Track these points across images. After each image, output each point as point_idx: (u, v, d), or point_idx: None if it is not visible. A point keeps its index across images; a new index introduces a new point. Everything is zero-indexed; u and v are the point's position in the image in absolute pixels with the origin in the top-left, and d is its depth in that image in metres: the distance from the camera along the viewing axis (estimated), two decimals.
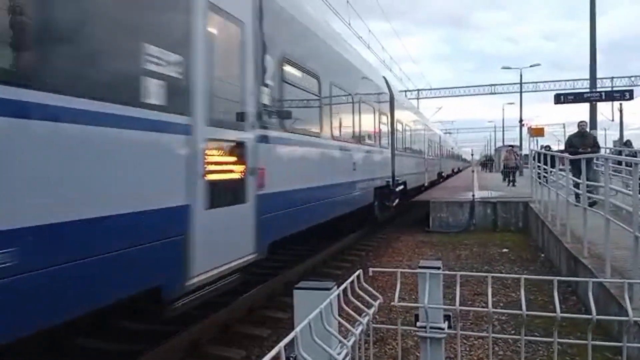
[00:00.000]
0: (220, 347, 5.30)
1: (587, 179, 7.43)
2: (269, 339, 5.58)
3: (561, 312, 2.08)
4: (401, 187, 13.44)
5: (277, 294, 7.07)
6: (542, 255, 9.99)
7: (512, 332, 5.39)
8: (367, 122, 10.80)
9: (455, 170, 45.52)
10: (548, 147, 23.01)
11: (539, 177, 12.77)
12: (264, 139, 5.43)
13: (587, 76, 16.67)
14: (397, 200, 12.62)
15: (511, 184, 21.40)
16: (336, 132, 8.43)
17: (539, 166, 12.93)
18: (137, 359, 4.39)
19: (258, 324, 6.11)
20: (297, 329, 1.35)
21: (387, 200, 12.03)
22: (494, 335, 2.35)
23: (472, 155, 36.11)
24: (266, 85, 5.53)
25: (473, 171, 20.95)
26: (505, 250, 10.79)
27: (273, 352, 1.20)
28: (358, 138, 9.89)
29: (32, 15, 2.80)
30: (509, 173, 22.35)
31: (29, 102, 2.74)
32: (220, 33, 4.77)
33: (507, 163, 23.11)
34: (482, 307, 2.01)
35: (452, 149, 46.66)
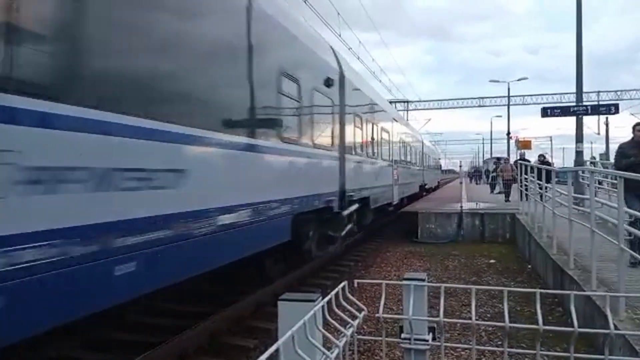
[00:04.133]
0: (207, 358, 5.27)
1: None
2: (255, 349, 5.55)
3: (548, 324, 2.10)
4: (425, 185, 26.80)
5: (265, 304, 7.04)
6: (529, 266, 10.05)
7: (499, 343, 5.41)
8: (417, 156, 24.24)
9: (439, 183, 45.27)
10: (542, 157, 20.23)
11: (526, 190, 12.85)
12: (398, 166, 16.58)
13: (572, 89, 16.91)
14: (425, 192, 26.17)
15: (506, 197, 19.17)
16: (404, 158, 19.28)
17: (526, 179, 13.02)
18: None
19: (245, 334, 6.07)
20: (280, 342, 1.36)
21: (423, 191, 25.40)
22: (477, 347, 2.36)
23: (460, 166, 37.08)
24: (400, 153, 18.18)
25: (461, 183, 20.91)
26: (492, 261, 10.84)
27: None
28: (419, 163, 24.81)
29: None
30: (505, 186, 20.05)
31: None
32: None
33: (504, 175, 20.51)
34: (469, 318, 2.03)
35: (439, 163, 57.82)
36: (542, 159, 19.01)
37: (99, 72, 3.39)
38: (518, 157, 20.17)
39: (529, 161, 16.91)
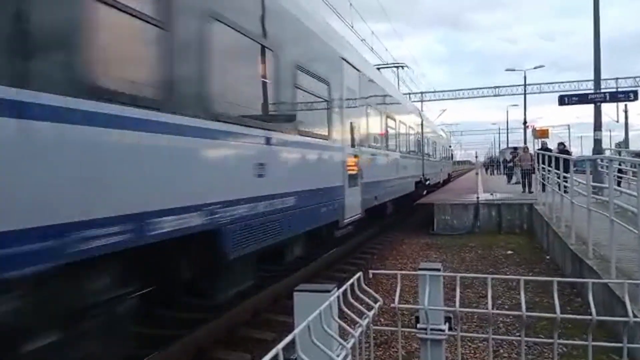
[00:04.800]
0: (225, 351, 5.33)
1: None
2: (273, 342, 5.59)
3: (566, 314, 2.09)
4: (427, 182, 20.79)
5: (282, 298, 7.08)
6: (547, 257, 9.96)
7: (518, 334, 5.38)
8: (411, 139, 19.03)
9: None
10: (562, 145, 19.08)
11: (543, 180, 12.68)
12: (366, 151, 10.21)
13: (590, 76, 16.63)
14: (425, 189, 20.49)
15: (527, 189, 17.87)
16: (383, 140, 13.20)
17: (544, 168, 12.85)
18: None
19: (263, 327, 6.12)
20: (296, 331, 1.37)
21: (423, 189, 19.66)
22: (494, 336, 2.36)
23: (476, 157, 36.39)
24: (374, 132, 11.46)
25: (477, 173, 20.68)
26: (510, 252, 10.76)
27: (271, 355, 1.22)
28: (414, 150, 18.63)
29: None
30: (524, 176, 18.62)
31: None
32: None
33: (522, 165, 19.07)
34: (485, 308, 2.01)
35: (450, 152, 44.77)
36: (562, 148, 18.57)
37: None
38: (540, 147, 19.26)
39: (551, 150, 16.27)
